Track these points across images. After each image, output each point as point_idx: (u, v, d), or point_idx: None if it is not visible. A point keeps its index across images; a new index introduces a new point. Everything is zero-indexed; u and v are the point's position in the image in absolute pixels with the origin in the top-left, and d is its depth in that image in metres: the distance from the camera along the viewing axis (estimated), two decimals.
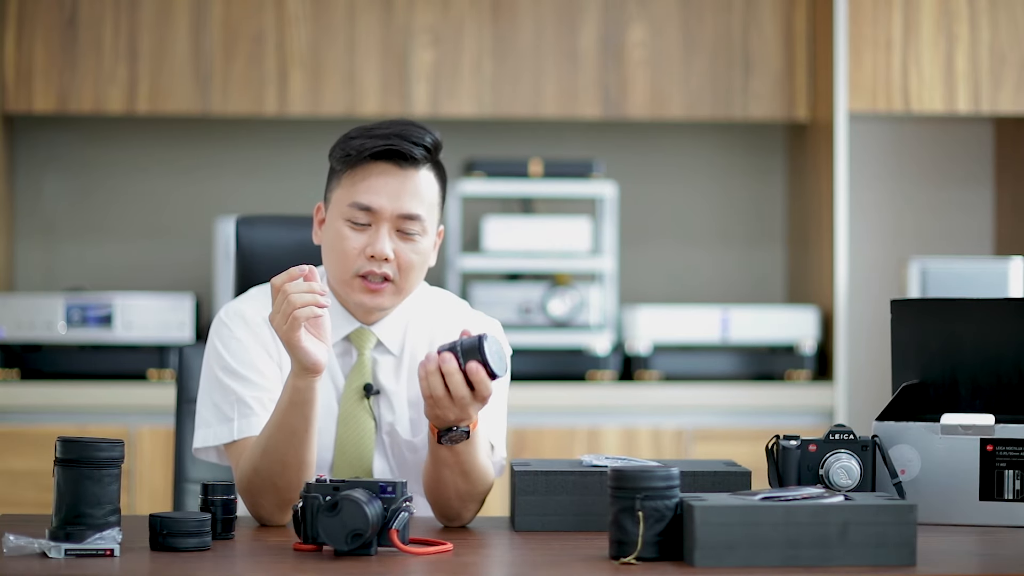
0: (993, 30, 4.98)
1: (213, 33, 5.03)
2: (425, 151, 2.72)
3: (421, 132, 2.72)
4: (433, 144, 2.73)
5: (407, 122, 2.74)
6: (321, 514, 2.25)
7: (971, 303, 2.68)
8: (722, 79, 5.13)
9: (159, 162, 5.35)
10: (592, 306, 5.01)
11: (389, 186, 2.69)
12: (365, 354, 2.75)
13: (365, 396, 2.74)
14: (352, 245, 2.70)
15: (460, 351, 2.45)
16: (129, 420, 4.74)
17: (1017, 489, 2.57)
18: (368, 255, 2.69)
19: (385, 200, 2.69)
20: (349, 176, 2.71)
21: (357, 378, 2.75)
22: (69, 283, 5.27)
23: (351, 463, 2.73)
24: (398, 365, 2.77)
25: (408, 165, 2.71)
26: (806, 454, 2.57)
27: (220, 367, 2.71)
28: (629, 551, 2.20)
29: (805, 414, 4.91)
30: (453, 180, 5.11)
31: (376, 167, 2.70)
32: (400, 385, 2.76)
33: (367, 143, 2.69)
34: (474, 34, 5.09)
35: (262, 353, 2.72)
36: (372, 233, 2.70)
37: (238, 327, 2.74)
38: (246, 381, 2.69)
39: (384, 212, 2.69)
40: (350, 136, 2.73)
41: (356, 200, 2.69)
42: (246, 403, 2.67)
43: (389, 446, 2.75)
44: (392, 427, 2.75)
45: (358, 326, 2.75)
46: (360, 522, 2.24)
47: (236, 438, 2.67)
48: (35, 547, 2.23)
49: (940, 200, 5.45)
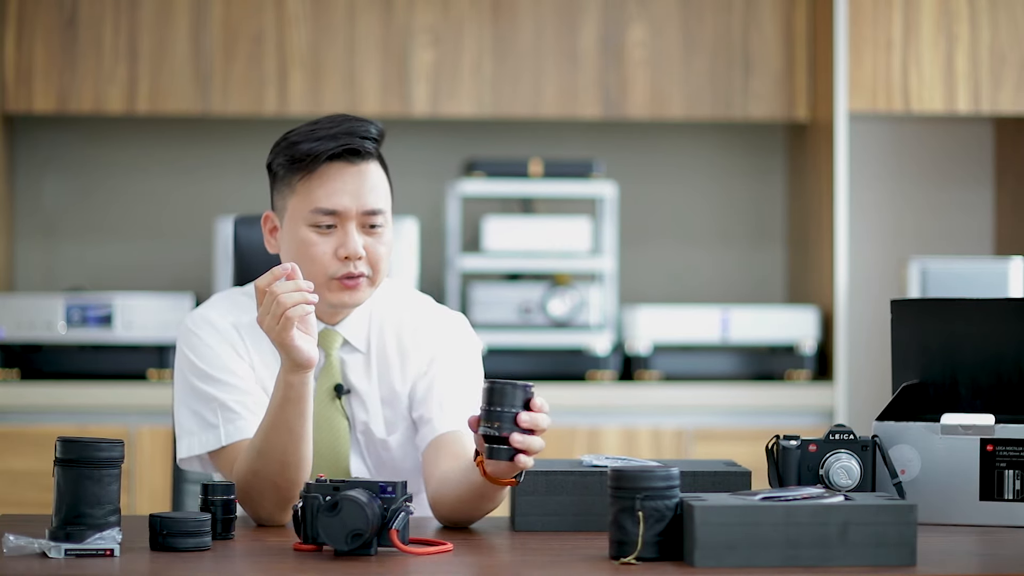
0: (993, 30, 4.98)
1: (213, 33, 5.03)
2: (374, 143, 2.70)
3: (366, 125, 2.70)
4: (379, 134, 2.71)
5: (347, 117, 2.71)
6: (321, 514, 2.25)
7: (971, 303, 2.68)
8: (722, 79, 5.13)
9: (159, 162, 5.35)
10: (592, 306, 5.01)
11: (348, 186, 2.68)
12: (333, 354, 2.75)
13: (337, 396, 2.74)
14: (323, 250, 2.68)
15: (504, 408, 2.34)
16: (129, 420, 4.74)
17: (1017, 489, 2.57)
18: (342, 257, 2.68)
19: (348, 200, 2.68)
20: (304, 182, 2.68)
21: (327, 379, 2.74)
22: (69, 283, 5.27)
23: (327, 465, 2.72)
24: (367, 363, 2.76)
25: (360, 160, 2.69)
26: (806, 454, 2.57)
27: (195, 375, 2.70)
28: (629, 551, 2.20)
29: (805, 414, 4.91)
30: (453, 180, 5.11)
31: (331, 168, 2.68)
32: (371, 383, 2.75)
33: (317, 146, 2.66)
34: (474, 34, 5.09)
35: (234, 356, 2.71)
36: (339, 235, 2.68)
37: (207, 333, 2.72)
38: (225, 385, 2.68)
39: (349, 212, 2.68)
40: (293, 142, 2.69)
41: (319, 206, 2.67)
42: (229, 408, 2.66)
43: (364, 445, 2.75)
44: (366, 426, 2.74)
45: (323, 327, 2.74)
46: (360, 522, 2.24)
47: (224, 444, 2.66)
48: (35, 547, 2.23)
49: (940, 200, 5.45)
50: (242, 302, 2.75)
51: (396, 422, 2.75)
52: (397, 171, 2.92)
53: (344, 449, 2.73)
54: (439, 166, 5.32)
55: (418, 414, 2.74)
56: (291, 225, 2.70)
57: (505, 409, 2.35)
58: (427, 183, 5.32)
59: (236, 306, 2.75)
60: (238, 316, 2.74)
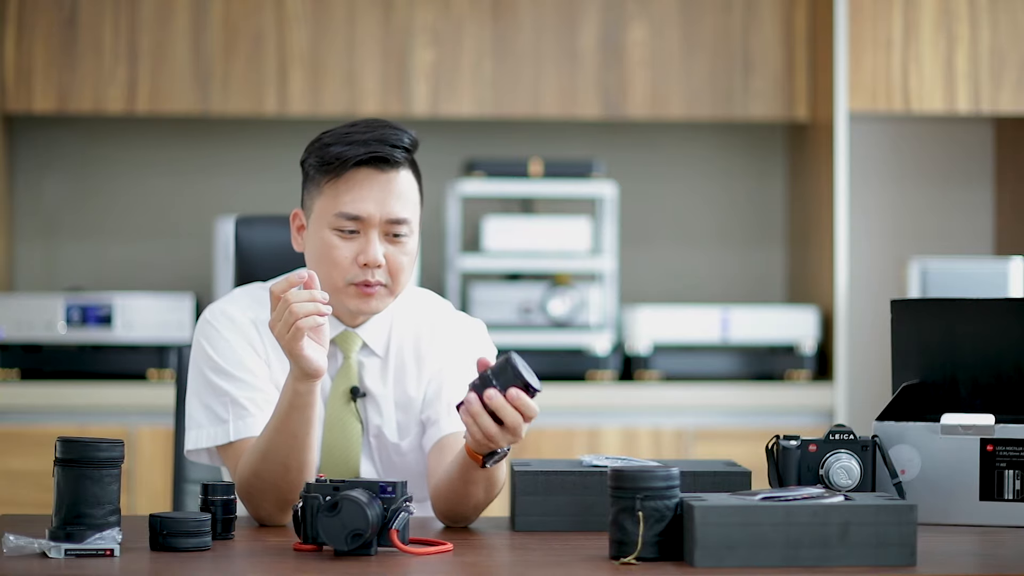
0: (993, 30, 4.98)
1: (213, 33, 5.03)
2: (405, 152, 2.70)
3: (399, 133, 2.70)
4: (411, 143, 2.71)
5: (383, 123, 2.71)
6: (321, 514, 2.25)
7: (971, 303, 2.68)
8: (722, 79, 5.13)
9: (159, 162, 5.35)
10: (592, 306, 5.01)
11: (374, 193, 2.68)
12: (351, 357, 2.75)
13: (352, 399, 2.74)
14: (343, 254, 2.68)
15: (497, 381, 2.37)
16: (129, 420, 4.74)
17: (1017, 489, 2.57)
18: (361, 263, 2.68)
19: (373, 207, 2.68)
20: (331, 185, 2.69)
21: (343, 381, 2.74)
22: (69, 283, 5.27)
23: (338, 466, 2.72)
24: (384, 367, 2.76)
25: (390, 168, 2.69)
26: (806, 454, 2.57)
27: (210, 368, 2.70)
28: (629, 551, 2.20)
29: (805, 414, 4.91)
30: (453, 180, 5.11)
31: (359, 174, 2.68)
32: (387, 388, 2.76)
33: (347, 151, 2.67)
34: (474, 34, 5.09)
35: (250, 352, 2.71)
36: (362, 241, 2.68)
37: (225, 327, 2.73)
38: (238, 381, 2.68)
39: (373, 219, 2.68)
40: (326, 143, 2.70)
41: (343, 210, 2.68)
42: (240, 404, 2.67)
43: (376, 449, 2.75)
44: (379, 430, 2.74)
45: (343, 329, 2.75)
46: (360, 522, 2.24)
47: (232, 439, 2.66)
48: (35, 547, 2.23)
49: (940, 200, 5.45)
50: (262, 297, 2.75)
51: (409, 427, 2.75)
52: None
53: (355, 451, 2.73)
54: (439, 166, 5.31)
55: (426, 415, 2.74)
56: (316, 226, 2.71)
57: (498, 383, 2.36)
58: (427, 183, 5.27)
59: (256, 301, 2.76)
60: (257, 312, 2.74)
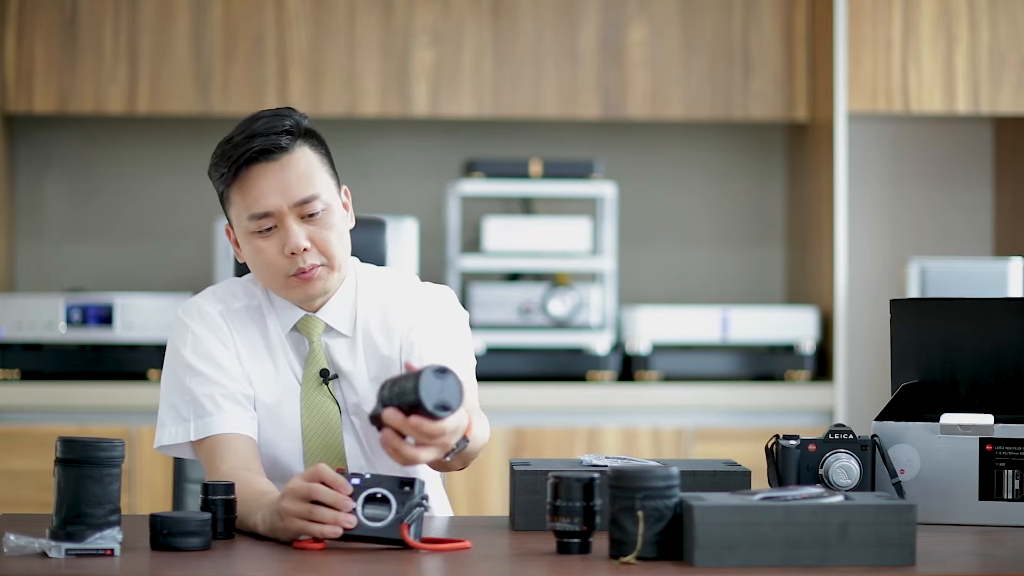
0: (993, 30, 4.98)
1: (213, 33, 5.03)
2: (287, 134, 2.69)
3: (276, 119, 2.69)
4: (292, 124, 2.70)
5: (257, 116, 2.70)
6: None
7: (971, 303, 2.68)
8: (722, 79, 5.13)
9: (159, 162, 5.35)
10: (592, 306, 5.01)
11: (271, 184, 2.67)
12: (316, 341, 2.75)
13: (324, 382, 2.74)
14: (270, 253, 2.69)
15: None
16: (129, 420, 4.74)
17: (1016, 489, 2.57)
18: (288, 254, 2.68)
19: (276, 199, 2.67)
20: (234, 192, 2.69)
21: (313, 365, 2.75)
22: (69, 283, 5.27)
23: (321, 450, 2.72)
24: (352, 345, 2.76)
25: (279, 155, 2.68)
26: (806, 454, 2.57)
27: (178, 365, 2.72)
28: (629, 551, 2.20)
29: (805, 414, 4.91)
30: (453, 180, 5.11)
31: (252, 172, 2.68)
32: (358, 365, 2.75)
33: (232, 154, 2.67)
34: (474, 34, 5.10)
35: (219, 346, 2.73)
36: (281, 233, 2.68)
37: (195, 322, 2.74)
38: (204, 378, 2.70)
39: (281, 209, 2.68)
40: (216, 155, 2.71)
41: (251, 212, 2.68)
42: (201, 404, 2.68)
43: (359, 427, 2.75)
44: (358, 407, 2.74)
45: (303, 315, 2.75)
46: (454, 399, 2.28)
47: (193, 439, 2.68)
48: (35, 547, 2.23)
49: (940, 200, 5.45)
50: (236, 289, 2.78)
51: None
52: (397, 171, 2.93)
53: (336, 433, 2.73)
54: (439, 166, 5.32)
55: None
56: (240, 235, 2.72)
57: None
58: (427, 183, 5.32)
59: (229, 293, 2.78)
60: (229, 303, 2.76)
